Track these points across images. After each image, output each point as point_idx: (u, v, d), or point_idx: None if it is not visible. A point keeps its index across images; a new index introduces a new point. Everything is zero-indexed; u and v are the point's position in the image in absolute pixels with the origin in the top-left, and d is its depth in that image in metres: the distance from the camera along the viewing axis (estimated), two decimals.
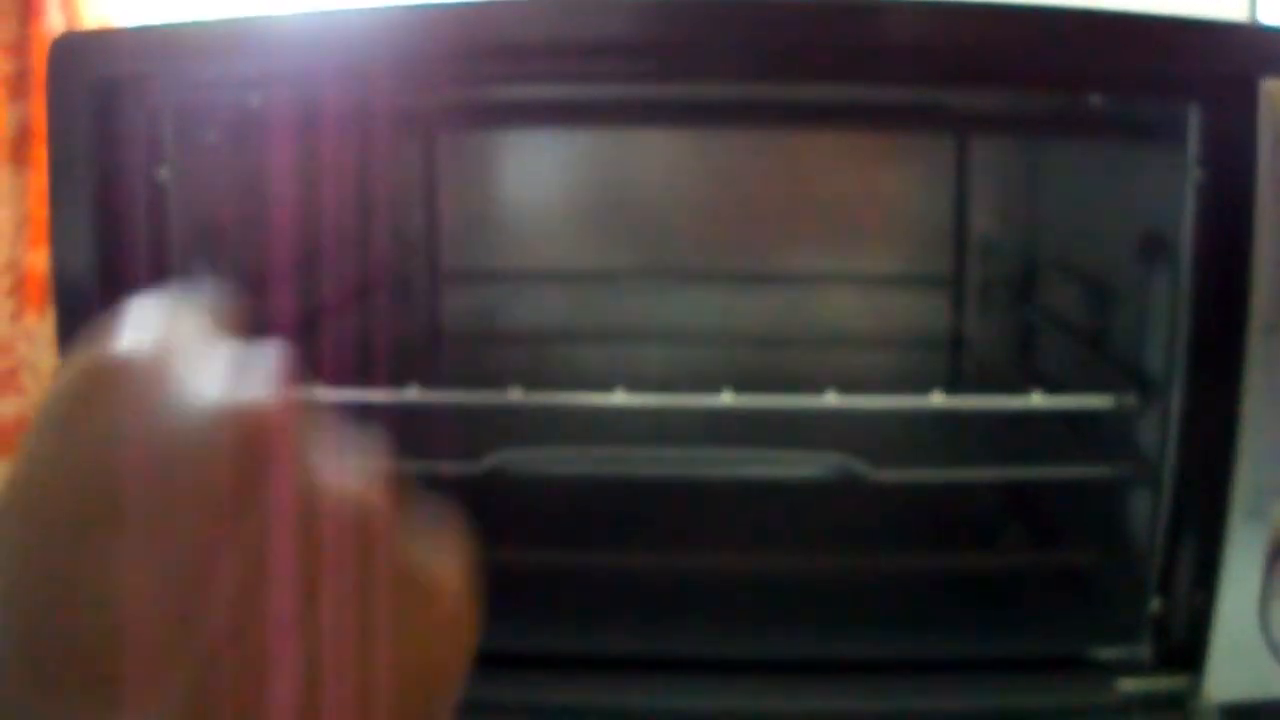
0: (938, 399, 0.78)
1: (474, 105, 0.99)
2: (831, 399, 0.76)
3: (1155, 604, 0.74)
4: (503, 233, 1.17)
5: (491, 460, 0.78)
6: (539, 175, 1.18)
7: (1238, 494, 0.70)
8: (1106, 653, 0.76)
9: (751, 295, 1.12)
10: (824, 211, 1.14)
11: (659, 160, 1.16)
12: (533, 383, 0.80)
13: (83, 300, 0.72)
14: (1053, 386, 0.84)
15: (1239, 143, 0.68)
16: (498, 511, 0.82)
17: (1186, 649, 0.73)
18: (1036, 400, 0.79)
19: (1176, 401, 0.72)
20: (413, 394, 0.78)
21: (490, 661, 0.72)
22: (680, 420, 0.87)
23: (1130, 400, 0.77)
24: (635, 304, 1.09)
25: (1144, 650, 0.75)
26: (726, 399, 0.76)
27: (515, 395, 0.76)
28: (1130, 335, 0.80)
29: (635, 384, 0.80)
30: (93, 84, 0.71)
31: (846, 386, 0.80)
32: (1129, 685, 0.74)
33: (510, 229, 1.17)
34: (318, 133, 0.84)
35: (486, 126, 1.11)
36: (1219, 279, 0.70)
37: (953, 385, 1.08)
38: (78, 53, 0.71)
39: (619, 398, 0.77)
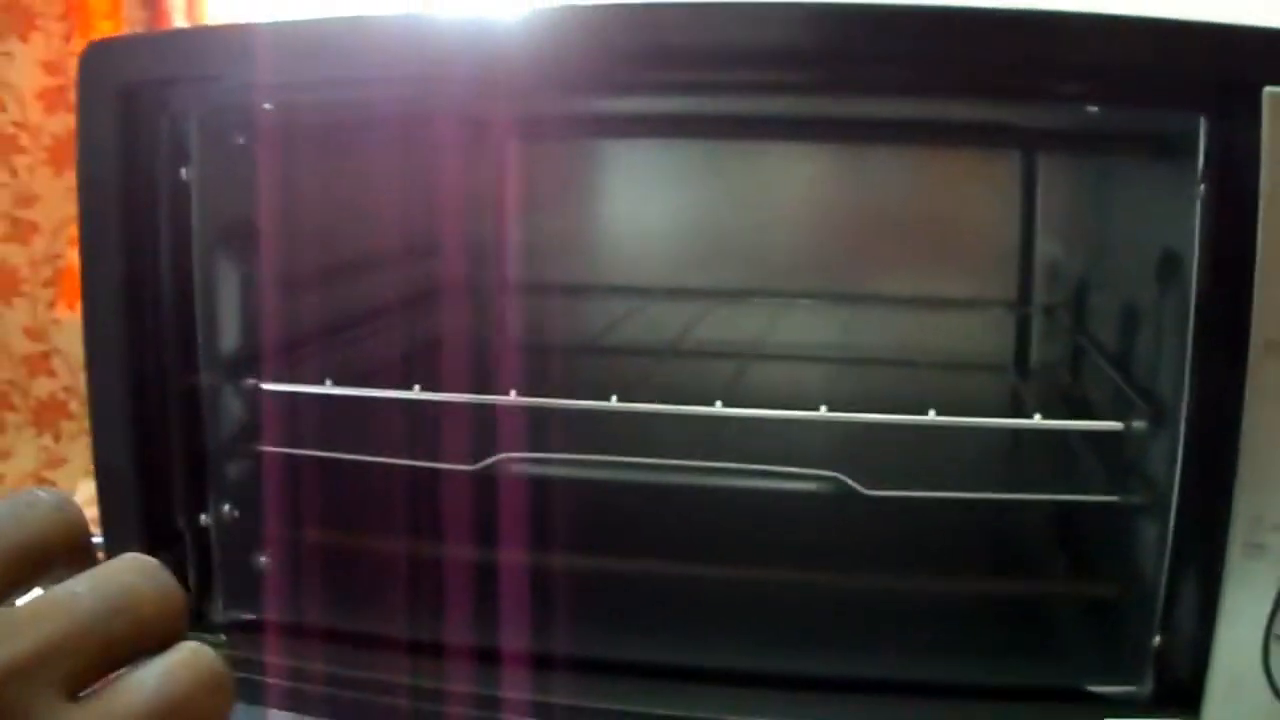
0: (931, 416, 0.76)
1: (540, 117, 1.02)
2: (824, 412, 0.75)
3: (1158, 639, 0.71)
4: (572, 246, 1.20)
5: (489, 460, 0.80)
6: (607, 188, 1.20)
7: (1237, 526, 0.67)
8: (1107, 688, 0.73)
9: (817, 314, 1.12)
10: (888, 232, 1.13)
11: (723, 177, 1.17)
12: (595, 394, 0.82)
13: (109, 293, 0.77)
14: (1089, 410, 0.81)
15: (1243, 154, 0.65)
16: (500, 511, 0.85)
17: (1185, 688, 0.70)
18: (1036, 421, 0.76)
19: (1183, 427, 0.69)
20: (415, 392, 0.80)
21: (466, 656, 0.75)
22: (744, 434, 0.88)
23: (1140, 425, 0.74)
24: (698, 320, 1.10)
25: (1145, 687, 0.72)
26: (717, 408, 0.77)
27: (511, 396, 0.78)
28: (1148, 358, 0.77)
29: (696, 398, 0.81)
30: (120, 89, 0.76)
31: (906, 408, 0.79)
32: None
33: (580, 243, 1.20)
34: (348, 138, 0.88)
35: (538, 138, 1.13)
36: (1223, 298, 0.66)
37: (1014, 409, 1.05)
38: (106, 59, 0.76)
39: (612, 404, 0.78)
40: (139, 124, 0.76)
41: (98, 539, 0.79)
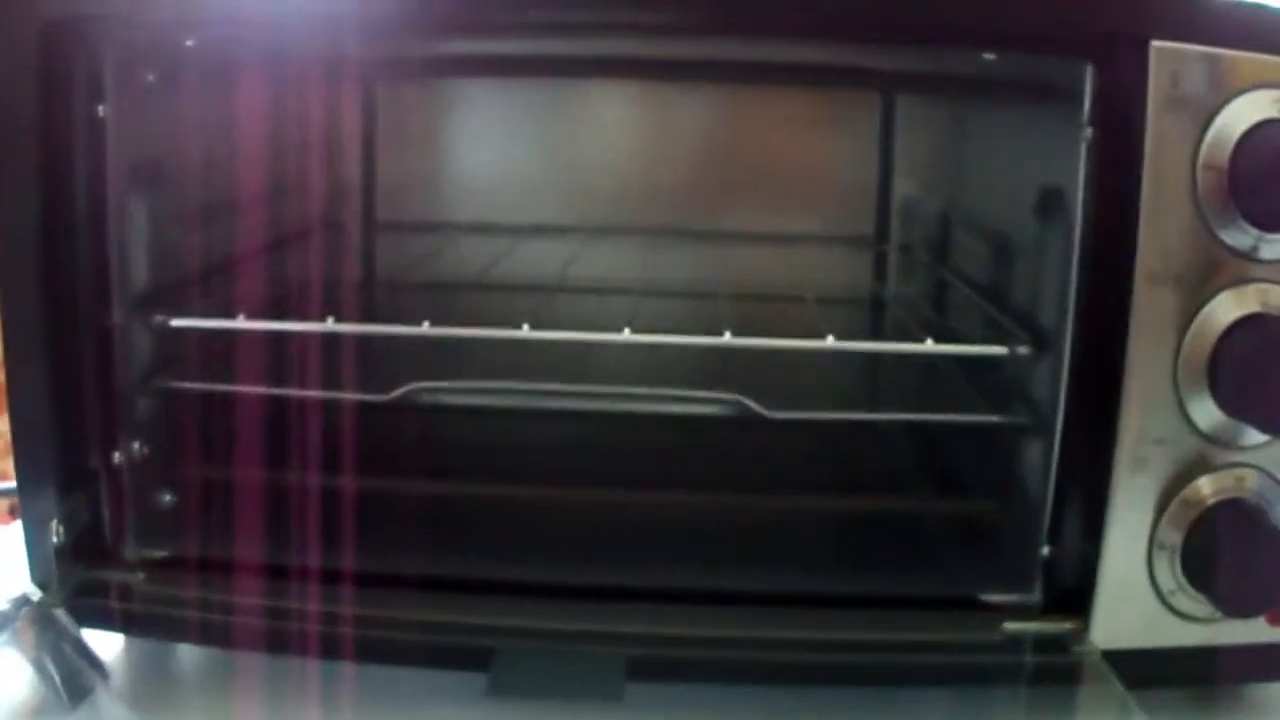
0: (830, 342, 0.81)
1: (413, 58, 1.05)
2: (728, 339, 0.80)
3: (1045, 551, 0.77)
4: (438, 185, 1.24)
5: (401, 390, 0.82)
6: (476, 129, 1.25)
7: (1122, 443, 0.73)
8: (998, 596, 0.79)
9: (682, 251, 1.18)
10: (751, 171, 1.20)
11: (587, 117, 1.24)
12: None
13: (23, 232, 0.76)
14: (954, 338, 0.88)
15: (1129, 102, 0.71)
16: (413, 440, 0.88)
17: (1074, 595, 0.76)
18: (929, 346, 0.82)
19: (1067, 351, 0.75)
20: (330, 325, 0.82)
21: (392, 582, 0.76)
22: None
23: (1024, 350, 0.80)
24: (564, 257, 1.15)
25: (1034, 595, 0.78)
26: (625, 336, 0.81)
27: (425, 328, 0.81)
28: (1027, 288, 0.83)
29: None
30: (39, 26, 0.74)
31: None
32: (1015, 627, 0.76)
33: (445, 182, 1.25)
34: (251, 78, 0.88)
35: (423, 78, 1.16)
36: (1107, 233, 0.73)
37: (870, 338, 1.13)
38: None
39: (524, 333, 0.81)
40: (57, 61, 0.75)
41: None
